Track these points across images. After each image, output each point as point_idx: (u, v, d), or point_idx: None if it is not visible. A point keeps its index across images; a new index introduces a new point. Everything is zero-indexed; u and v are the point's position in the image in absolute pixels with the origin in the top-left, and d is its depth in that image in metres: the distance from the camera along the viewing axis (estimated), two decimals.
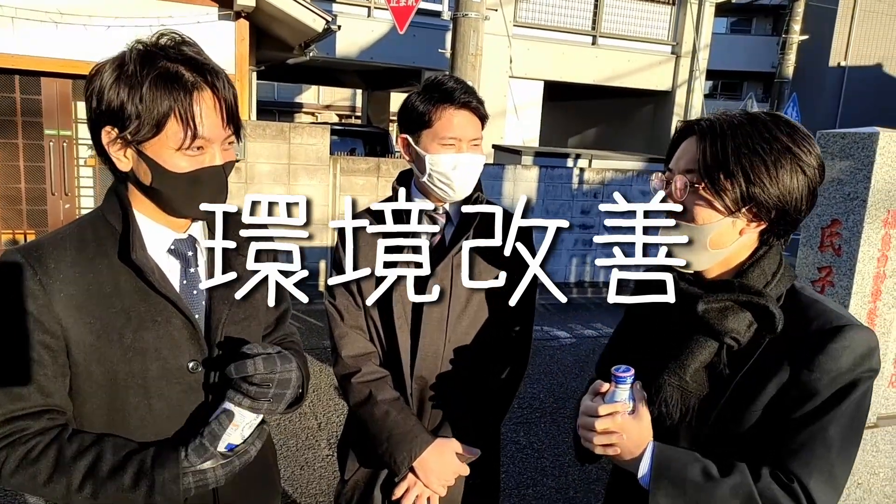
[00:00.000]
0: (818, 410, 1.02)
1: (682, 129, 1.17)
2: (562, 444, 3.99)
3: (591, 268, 8.64)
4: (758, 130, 1.05)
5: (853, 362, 1.02)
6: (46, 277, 1.04)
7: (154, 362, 1.10)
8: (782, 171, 1.04)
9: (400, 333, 1.55)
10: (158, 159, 1.05)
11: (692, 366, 1.11)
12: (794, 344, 1.05)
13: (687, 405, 1.12)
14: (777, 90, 12.58)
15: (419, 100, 1.55)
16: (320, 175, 7.01)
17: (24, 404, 1.04)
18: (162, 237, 1.15)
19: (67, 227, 1.14)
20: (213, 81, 1.06)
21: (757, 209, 1.06)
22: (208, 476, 1.09)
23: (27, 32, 6.11)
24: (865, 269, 2.67)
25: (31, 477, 1.03)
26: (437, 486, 1.51)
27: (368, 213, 1.66)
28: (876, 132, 2.59)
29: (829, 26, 20.24)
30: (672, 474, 1.05)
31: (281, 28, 7.28)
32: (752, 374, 1.07)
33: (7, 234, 6.94)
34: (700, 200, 1.08)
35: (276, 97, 23.86)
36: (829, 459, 1.01)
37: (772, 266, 1.11)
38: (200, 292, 1.18)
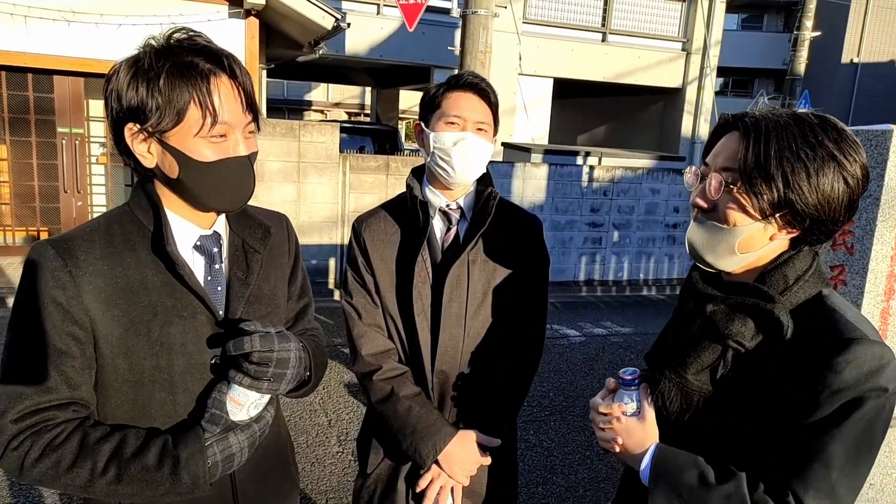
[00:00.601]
0: (819, 426, 0.98)
1: (723, 122, 1.12)
2: (571, 443, 3.98)
3: (601, 266, 8.61)
4: (803, 134, 1.00)
5: (857, 378, 0.97)
6: (76, 269, 1.05)
7: (180, 357, 1.11)
8: (823, 179, 0.99)
9: (420, 330, 1.57)
10: (183, 148, 1.06)
11: (694, 365, 1.10)
12: (802, 354, 1.01)
13: (689, 402, 1.11)
14: (789, 87, 12.49)
15: (435, 87, 1.59)
16: (330, 173, 7.04)
17: (51, 396, 1.04)
18: (188, 233, 1.16)
19: (95, 221, 1.15)
20: (229, 65, 1.08)
21: (791, 216, 1.02)
22: (231, 442, 1.09)
23: (40, 31, 6.16)
24: (878, 267, 2.65)
25: (54, 463, 1.03)
26: (461, 477, 1.55)
27: (383, 210, 1.69)
28: (890, 129, 2.57)
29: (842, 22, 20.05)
30: (669, 477, 1.07)
31: (290, 26, 7.30)
32: (755, 380, 1.05)
33: (21, 231, 7.01)
34: (734, 201, 1.03)
35: (285, 95, 23.94)
36: (830, 479, 0.97)
37: (796, 271, 1.06)
38: (224, 289, 1.19)
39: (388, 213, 1.66)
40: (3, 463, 1.04)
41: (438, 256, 1.59)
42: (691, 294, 1.16)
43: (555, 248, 8.28)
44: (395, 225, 1.63)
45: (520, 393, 1.67)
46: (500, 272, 1.60)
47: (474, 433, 1.56)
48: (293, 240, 1.38)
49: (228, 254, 1.21)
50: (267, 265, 1.26)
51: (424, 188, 1.63)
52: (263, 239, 1.26)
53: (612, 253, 8.64)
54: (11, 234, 7.01)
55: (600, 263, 8.60)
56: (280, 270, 1.30)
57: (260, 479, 1.26)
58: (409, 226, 1.61)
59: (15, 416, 1.03)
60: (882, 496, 2.89)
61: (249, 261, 1.22)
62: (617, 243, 8.61)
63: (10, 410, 1.03)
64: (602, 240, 8.54)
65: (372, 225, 1.64)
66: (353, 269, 1.64)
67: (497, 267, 1.60)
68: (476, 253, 1.58)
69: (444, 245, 1.60)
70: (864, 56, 20.35)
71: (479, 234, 1.56)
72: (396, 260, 1.60)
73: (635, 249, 8.78)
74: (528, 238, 1.67)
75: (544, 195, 8.09)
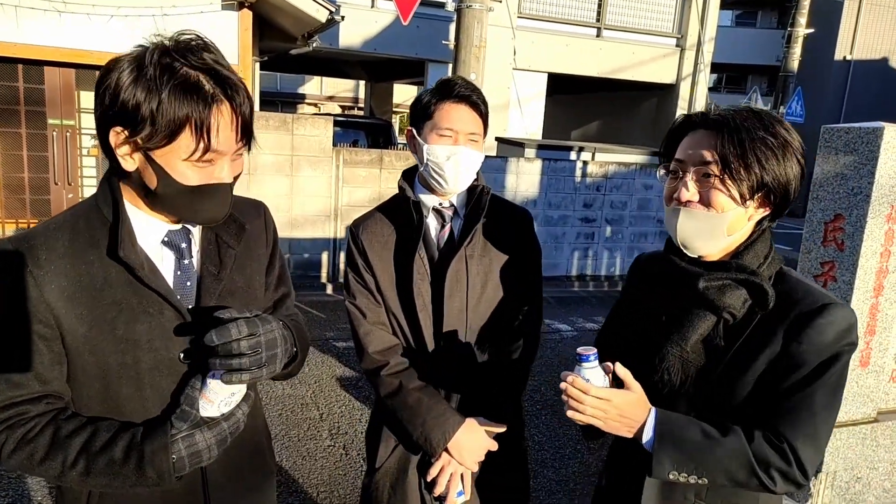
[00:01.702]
0: (805, 379, 1.14)
1: (682, 122, 1.26)
2: (562, 437, 4.00)
3: (593, 261, 8.64)
4: (763, 125, 1.16)
5: (836, 336, 1.14)
6: (37, 268, 1.05)
7: (147, 354, 1.10)
8: (787, 161, 1.16)
9: (424, 324, 1.62)
10: (167, 167, 1.03)
11: (692, 337, 1.21)
12: (783, 320, 1.16)
13: (686, 374, 1.23)
14: (782, 84, 12.52)
15: (426, 94, 1.63)
16: (323, 166, 7.01)
17: (22, 391, 1.05)
18: (155, 228, 1.14)
19: (61, 216, 1.13)
20: (232, 95, 1.04)
21: (765, 196, 1.18)
22: (197, 439, 1.08)
23: (30, 21, 6.11)
24: (868, 264, 2.66)
25: (28, 455, 1.04)
26: (470, 463, 1.60)
27: (378, 212, 1.73)
28: (881, 127, 2.58)
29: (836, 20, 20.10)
30: (674, 437, 1.15)
31: (284, 18, 7.27)
32: (745, 347, 1.19)
33: (10, 223, 6.96)
34: (719, 190, 1.17)
35: (278, 88, 23.83)
36: (814, 423, 1.14)
37: (764, 249, 1.23)
38: (194, 283, 1.18)
39: (383, 216, 1.71)
40: None
41: (435, 253, 1.64)
42: (671, 275, 1.27)
43: (547, 243, 8.30)
44: (390, 226, 1.68)
45: (521, 379, 1.73)
46: (496, 265, 1.66)
47: (481, 420, 1.62)
48: (271, 229, 1.36)
49: (201, 248, 1.20)
50: (243, 257, 1.25)
51: (416, 189, 1.68)
52: (237, 234, 1.25)
53: (604, 248, 8.66)
54: (1, 226, 6.95)
55: (593, 258, 8.62)
56: (257, 261, 1.29)
57: (232, 471, 1.26)
58: (404, 226, 1.65)
59: None
60: (868, 490, 2.92)
61: (223, 255, 1.21)
62: (609, 238, 8.64)
63: None
64: (595, 235, 8.56)
65: (368, 227, 1.69)
66: (353, 271, 1.68)
67: (493, 260, 1.66)
68: (473, 248, 1.63)
69: (439, 242, 1.66)
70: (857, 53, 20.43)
71: (475, 229, 1.62)
72: (394, 259, 1.65)
73: (627, 244, 8.80)
74: (521, 231, 1.73)
75: (537, 190, 8.09)
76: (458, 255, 1.60)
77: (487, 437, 1.62)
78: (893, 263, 2.71)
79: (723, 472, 1.14)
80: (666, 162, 1.28)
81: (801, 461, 1.12)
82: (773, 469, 1.13)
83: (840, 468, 2.81)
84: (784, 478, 1.13)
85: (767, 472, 1.13)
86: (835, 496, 2.84)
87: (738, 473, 1.13)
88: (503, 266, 1.66)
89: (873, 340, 2.76)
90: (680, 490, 1.25)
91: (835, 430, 2.74)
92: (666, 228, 1.28)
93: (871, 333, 2.74)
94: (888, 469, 2.94)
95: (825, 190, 2.77)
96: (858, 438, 2.80)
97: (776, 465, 1.12)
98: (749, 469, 1.13)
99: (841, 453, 2.78)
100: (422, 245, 1.61)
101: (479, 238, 1.64)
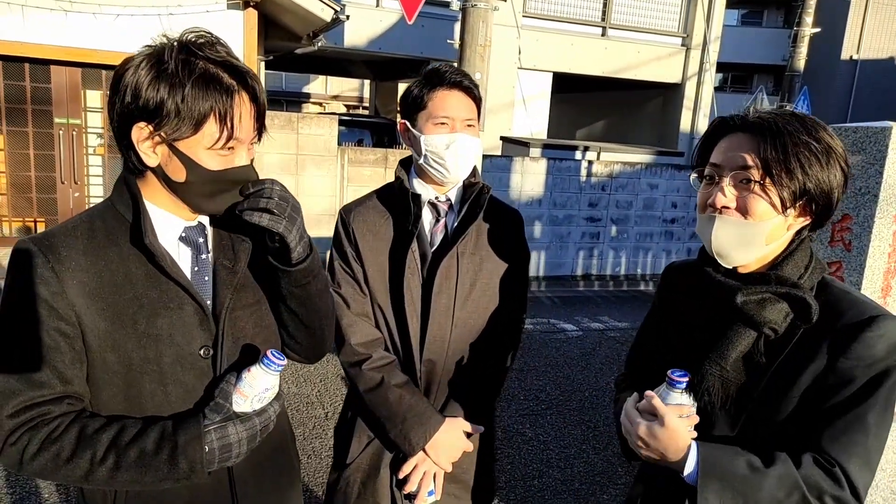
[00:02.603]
0: (855, 397, 1.07)
1: (719, 125, 1.19)
2: (567, 437, 4.00)
3: (598, 261, 8.62)
4: (806, 129, 1.10)
5: (887, 350, 1.07)
6: (59, 265, 1.06)
7: (168, 348, 1.11)
8: (830, 168, 1.10)
9: (410, 320, 1.59)
10: (193, 156, 1.07)
11: (732, 355, 1.15)
12: (828, 333, 1.10)
13: (727, 393, 1.16)
14: (788, 83, 12.47)
15: (416, 85, 1.61)
16: (328, 165, 7.02)
17: (44, 391, 1.05)
18: (172, 225, 1.16)
19: (78, 217, 1.15)
20: (252, 85, 1.10)
21: (807, 203, 1.12)
22: (230, 432, 1.09)
23: (37, 20, 6.13)
24: (876, 264, 2.65)
25: (54, 455, 1.03)
26: (445, 463, 1.59)
27: (371, 199, 1.69)
28: (889, 126, 2.57)
29: (842, 19, 20.01)
30: (719, 471, 1.08)
31: (289, 18, 7.27)
32: (788, 363, 1.12)
33: (17, 221, 6.99)
34: (759, 196, 1.11)
35: (284, 87, 23.86)
36: (867, 445, 1.07)
37: (804, 259, 1.16)
38: (211, 278, 1.19)
39: (377, 203, 1.68)
40: (2, 458, 1.05)
41: (427, 248, 1.62)
42: (707, 289, 1.20)
43: (553, 243, 8.29)
44: (383, 216, 1.65)
45: (500, 381, 1.72)
46: (486, 264, 1.64)
47: (460, 420, 1.60)
48: None
49: (214, 243, 1.22)
50: (256, 252, 1.25)
51: (413, 180, 1.65)
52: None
53: (609, 248, 8.65)
54: (8, 224, 6.98)
55: (598, 258, 8.61)
56: None
57: (259, 470, 1.26)
58: (399, 217, 1.63)
59: (10, 411, 1.03)
60: (875, 492, 2.91)
61: (237, 249, 1.23)
62: (615, 238, 8.62)
63: (5, 406, 1.03)
64: (600, 234, 8.55)
65: (360, 214, 1.65)
66: (341, 259, 1.65)
67: (483, 260, 1.64)
68: (465, 245, 1.61)
69: (432, 237, 1.64)
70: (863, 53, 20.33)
71: (471, 227, 1.60)
72: (387, 251, 1.62)
73: (633, 244, 8.79)
74: (512, 232, 1.71)
75: (543, 189, 8.08)
76: (450, 252, 1.58)
77: (464, 438, 1.60)
78: None
79: (772, 503, 1.07)
80: (700, 167, 1.22)
81: (855, 485, 1.06)
82: (827, 496, 1.06)
83: None
84: (837, 503, 1.07)
85: (820, 498, 1.06)
86: None
87: (787, 503, 1.07)
88: (493, 266, 1.65)
89: None
90: None
91: None
92: (700, 237, 1.21)
93: None
94: (895, 470, 2.93)
95: None
96: None
97: (828, 491, 1.06)
98: (800, 497, 1.06)
99: None
100: (415, 239, 1.59)
101: (472, 236, 1.63)
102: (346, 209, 1.68)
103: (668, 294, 1.37)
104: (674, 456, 1.11)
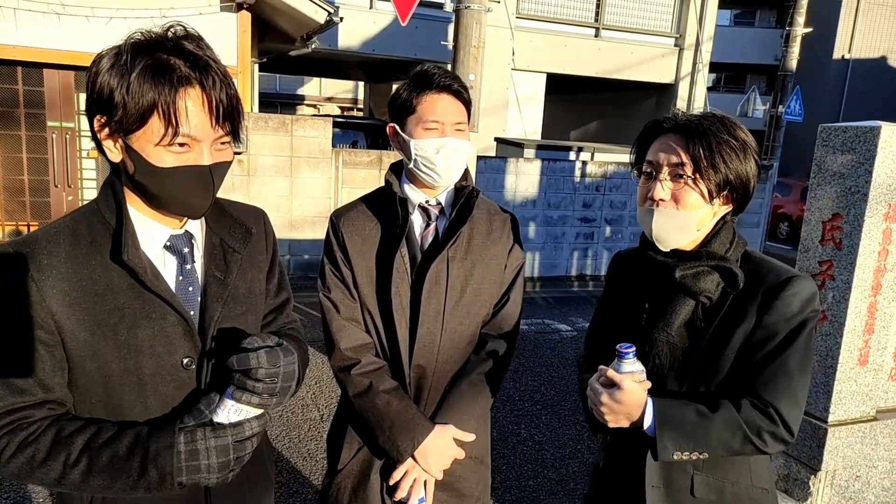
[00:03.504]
0: (779, 347, 1.26)
1: (652, 127, 1.37)
2: (562, 437, 4.01)
3: (593, 261, 8.64)
4: (725, 128, 1.29)
5: (801, 305, 1.27)
6: (39, 273, 1.04)
7: (149, 359, 1.09)
8: (747, 161, 1.29)
9: (399, 325, 1.57)
10: (142, 152, 1.03)
11: (675, 322, 1.33)
12: (753, 296, 1.29)
13: (674, 356, 1.34)
14: (780, 83, 12.53)
15: (404, 88, 1.59)
16: (322, 167, 7.02)
17: (25, 398, 1.04)
18: (157, 233, 1.14)
19: (62, 220, 1.12)
20: (202, 78, 1.03)
21: (729, 192, 1.31)
22: (198, 437, 1.06)
23: (30, 24, 6.11)
24: (866, 262, 2.67)
25: (28, 458, 1.03)
26: (436, 471, 1.56)
27: (361, 204, 1.68)
28: (878, 126, 2.59)
29: (834, 19, 20.12)
30: (673, 421, 1.25)
31: (283, 20, 7.28)
32: (722, 325, 1.30)
33: (10, 225, 6.96)
34: (690, 189, 1.29)
35: (277, 89, 23.82)
36: (792, 385, 1.25)
37: (728, 236, 1.35)
38: (196, 288, 1.17)
39: (367, 208, 1.66)
40: None
41: (417, 253, 1.59)
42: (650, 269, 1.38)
43: (547, 244, 8.30)
44: (373, 220, 1.63)
45: (494, 388, 1.67)
46: (478, 268, 1.62)
47: (451, 427, 1.57)
48: (271, 236, 1.36)
49: (205, 253, 1.19)
50: (245, 263, 1.24)
51: (404, 185, 1.63)
52: (244, 239, 1.24)
53: (604, 248, 8.67)
54: (1, 228, 6.96)
55: (592, 258, 8.63)
56: (258, 268, 1.29)
57: (233, 480, 1.23)
58: (388, 221, 1.61)
59: None
60: (868, 489, 2.93)
61: (228, 260, 1.20)
62: (609, 238, 8.64)
63: None
64: (594, 235, 8.57)
65: (350, 219, 1.63)
66: (331, 263, 1.63)
67: (475, 264, 1.61)
68: (455, 250, 1.59)
69: (422, 242, 1.61)
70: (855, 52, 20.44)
71: (461, 231, 1.57)
72: (375, 256, 1.60)
73: (627, 244, 8.81)
74: (506, 235, 1.69)
75: (537, 190, 8.10)
76: (440, 257, 1.56)
77: (455, 445, 1.57)
78: (891, 262, 2.71)
79: (720, 443, 1.24)
80: (638, 164, 1.39)
81: (786, 420, 1.24)
82: (764, 432, 1.24)
83: (839, 467, 2.81)
84: (774, 438, 1.24)
85: (759, 435, 1.24)
86: (834, 494, 2.85)
87: (733, 442, 1.24)
88: (485, 270, 1.62)
89: (872, 339, 2.76)
90: (679, 464, 1.33)
91: (834, 428, 2.75)
92: (640, 226, 1.39)
93: (869, 332, 2.75)
94: (887, 467, 2.95)
95: (823, 189, 2.78)
96: (857, 437, 2.81)
97: (765, 427, 1.24)
98: (742, 436, 1.23)
99: (840, 452, 2.78)
100: (404, 243, 1.56)
101: (463, 240, 1.60)
102: (337, 214, 1.67)
103: (617, 277, 1.55)
104: (636, 413, 1.26)
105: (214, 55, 1.07)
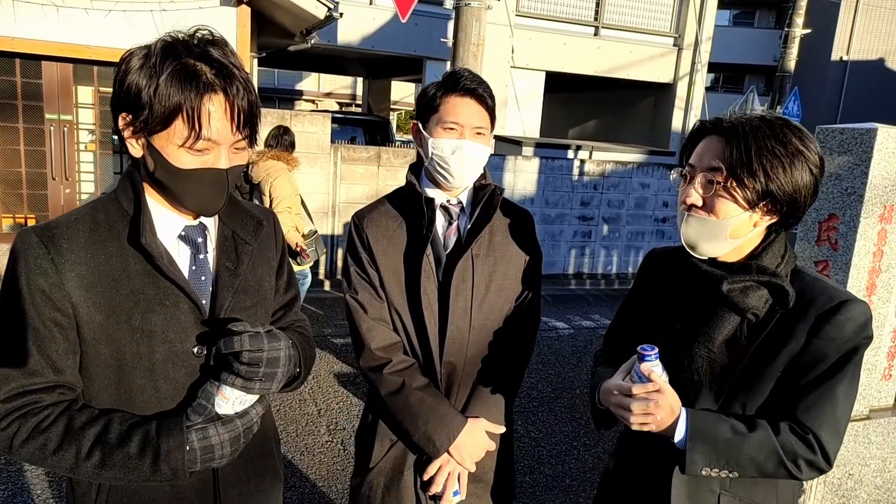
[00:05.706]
0: (826, 373, 1.20)
1: (699, 128, 1.29)
2: (559, 434, 4.03)
3: (590, 259, 8.67)
4: (774, 133, 1.18)
5: (854, 331, 1.20)
6: (59, 256, 1.07)
7: (161, 345, 1.12)
8: (795, 171, 1.18)
9: (428, 323, 1.60)
10: (163, 152, 1.07)
11: (718, 339, 1.26)
12: (802, 317, 1.22)
13: (713, 372, 1.27)
14: (779, 84, 12.55)
15: (432, 87, 1.61)
16: (321, 163, 7.02)
17: (36, 379, 1.07)
18: (173, 223, 1.17)
19: (82, 208, 1.16)
20: (226, 86, 1.06)
21: (771, 204, 1.20)
22: (210, 433, 1.10)
23: (28, 16, 6.09)
24: (861, 263, 2.69)
25: (41, 446, 1.05)
26: (469, 463, 1.61)
27: (384, 204, 1.70)
28: (874, 128, 2.61)
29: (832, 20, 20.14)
30: (706, 435, 1.20)
31: (282, 15, 7.26)
32: (766, 344, 1.23)
33: (7, 218, 6.95)
34: (723, 196, 1.20)
35: (276, 84, 23.77)
36: (836, 414, 1.20)
37: (780, 250, 1.27)
38: (208, 278, 1.20)
39: (389, 208, 1.68)
40: None
41: (441, 252, 1.62)
42: (691, 276, 1.30)
43: (545, 242, 8.32)
44: (396, 220, 1.65)
45: (518, 379, 1.73)
46: (500, 265, 1.65)
47: (482, 420, 1.62)
48: (279, 235, 1.40)
49: (217, 244, 1.23)
50: (255, 257, 1.27)
51: (423, 185, 1.66)
52: (255, 231, 1.28)
53: (601, 246, 8.69)
54: None
55: (589, 257, 8.65)
56: (267, 263, 1.32)
57: (243, 473, 1.27)
58: (412, 221, 1.63)
59: (2, 396, 1.05)
60: (860, 486, 2.96)
61: (239, 252, 1.24)
62: (606, 237, 8.66)
63: None
64: (592, 233, 8.59)
65: (374, 220, 1.65)
66: (356, 265, 1.65)
67: (497, 261, 1.65)
68: (479, 247, 1.62)
69: (445, 241, 1.64)
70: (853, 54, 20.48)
71: (484, 229, 1.60)
72: (401, 255, 1.63)
73: (624, 243, 8.84)
74: (524, 232, 1.72)
75: (535, 188, 8.11)
76: (465, 255, 1.59)
77: (487, 438, 1.62)
78: (886, 263, 2.74)
79: (753, 464, 1.19)
80: (681, 167, 1.32)
81: (826, 450, 1.19)
82: (801, 459, 1.19)
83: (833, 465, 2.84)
84: (810, 466, 1.20)
85: (795, 462, 1.19)
86: (827, 492, 2.87)
87: (766, 465, 1.19)
88: (506, 267, 1.66)
89: None
90: (706, 483, 1.29)
91: None
92: None
93: None
94: (880, 466, 2.97)
95: (819, 190, 2.79)
96: (851, 436, 2.83)
97: (802, 455, 1.19)
98: (778, 461, 1.18)
99: None
100: (429, 243, 1.59)
101: (486, 238, 1.63)
102: (359, 215, 1.68)
103: (651, 277, 1.48)
104: (669, 419, 1.20)
105: (238, 61, 1.11)
